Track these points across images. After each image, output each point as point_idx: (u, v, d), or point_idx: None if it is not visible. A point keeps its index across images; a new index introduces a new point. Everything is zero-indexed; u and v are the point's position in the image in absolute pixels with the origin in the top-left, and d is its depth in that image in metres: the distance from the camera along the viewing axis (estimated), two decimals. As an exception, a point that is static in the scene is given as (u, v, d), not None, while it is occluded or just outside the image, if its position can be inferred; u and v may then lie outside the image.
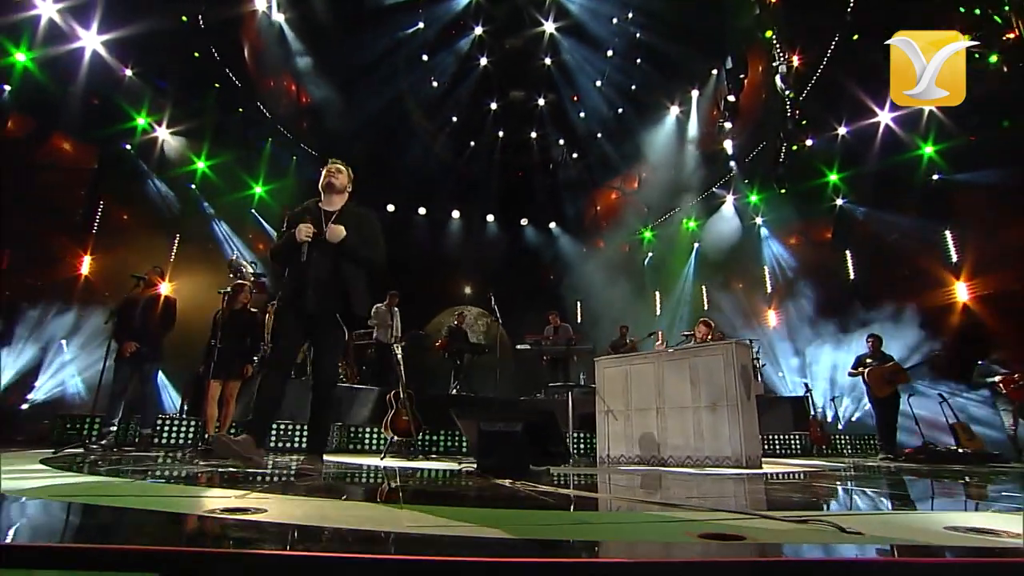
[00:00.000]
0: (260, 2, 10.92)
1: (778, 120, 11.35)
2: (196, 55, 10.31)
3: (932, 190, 9.47)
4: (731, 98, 12.59)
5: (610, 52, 14.13)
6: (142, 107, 9.74)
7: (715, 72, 13.19)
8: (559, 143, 16.84)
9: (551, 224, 17.33)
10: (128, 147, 9.84)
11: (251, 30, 11.15)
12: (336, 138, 12.49)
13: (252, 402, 3.02)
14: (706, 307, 13.52)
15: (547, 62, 14.86)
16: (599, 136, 15.89)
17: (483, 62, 14.81)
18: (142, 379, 5.54)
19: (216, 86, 10.78)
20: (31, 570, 1.02)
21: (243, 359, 5.49)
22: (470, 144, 16.42)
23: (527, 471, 3.39)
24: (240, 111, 11.48)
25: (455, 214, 16.78)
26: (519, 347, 9.14)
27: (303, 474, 2.96)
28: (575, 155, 16.88)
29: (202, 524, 1.47)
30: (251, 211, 12.26)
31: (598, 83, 14.92)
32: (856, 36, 10.04)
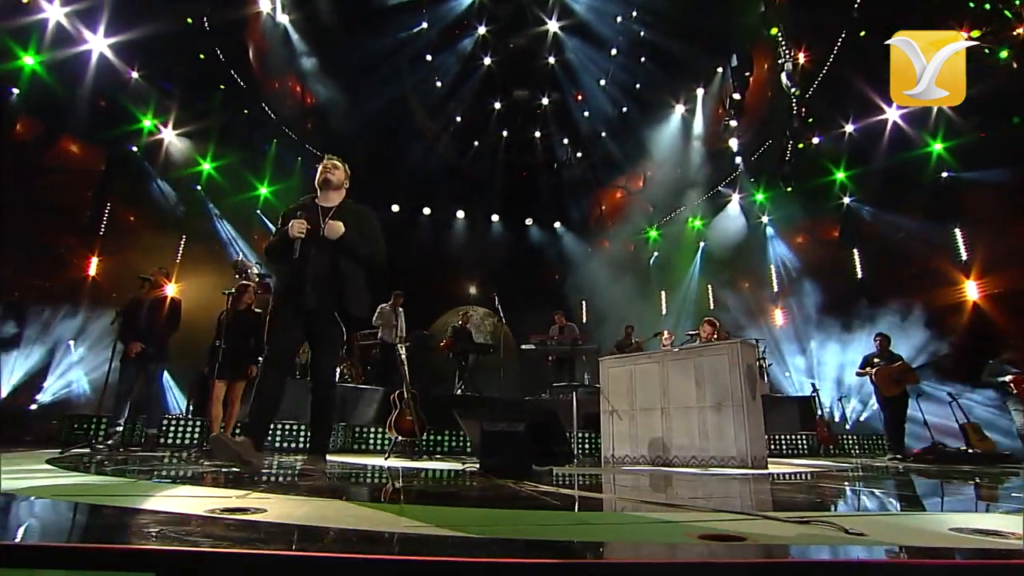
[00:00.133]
0: (265, 3, 10.97)
1: (784, 118, 11.28)
2: (201, 57, 10.38)
3: (941, 188, 9.36)
4: (737, 96, 12.52)
5: (614, 51, 14.08)
6: (148, 109, 9.81)
7: (720, 70, 13.12)
8: (563, 142, 16.81)
9: (556, 224, 17.30)
10: (134, 149, 9.92)
11: (256, 32, 11.20)
12: (341, 139, 12.51)
13: (250, 404, 2.97)
14: (712, 306, 13.44)
15: (551, 61, 14.83)
16: (603, 135, 15.84)
17: (487, 62, 14.81)
18: (147, 379, 5.57)
19: (221, 88, 10.85)
20: (29, 569, 1.02)
21: (247, 359, 5.50)
22: (474, 144, 16.43)
23: (530, 471, 3.37)
24: (245, 112, 11.55)
25: (459, 214, 16.79)
26: (524, 347, 9.13)
27: (305, 474, 2.95)
28: (579, 154, 16.84)
29: (200, 524, 1.47)
30: (256, 212, 12.32)
31: (602, 82, 14.88)
32: (863, 32, 9.95)
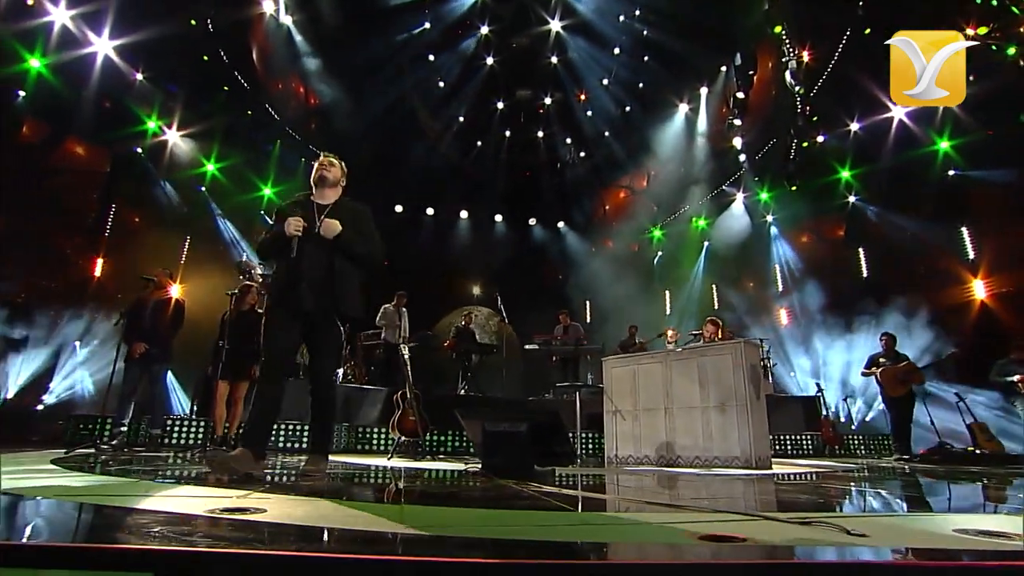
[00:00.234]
0: (268, 5, 11.01)
1: (789, 116, 11.22)
2: (205, 58, 10.41)
3: (948, 186, 9.29)
4: (741, 95, 12.46)
5: (617, 50, 14.05)
6: (153, 111, 9.86)
7: (724, 69, 13.07)
8: (566, 142, 16.79)
9: (559, 223, 17.28)
10: (139, 150, 9.97)
11: (259, 33, 11.24)
12: (344, 139, 12.55)
13: (249, 412, 2.90)
14: (716, 306, 13.40)
15: (554, 61, 14.81)
16: (607, 135, 15.81)
17: (489, 61, 14.80)
18: (151, 380, 5.60)
19: (225, 89, 10.89)
20: (28, 569, 1.02)
21: (250, 360, 5.51)
22: (477, 144, 16.43)
23: (532, 472, 3.36)
24: (249, 113, 11.59)
25: (463, 214, 16.79)
26: (527, 347, 9.12)
27: (306, 475, 2.94)
28: (583, 154, 16.81)
29: (199, 524, 1.47)
30: (260, 213, 12.36)
31: (605, 81, 14.85)
32: (868, 30, 9.88)
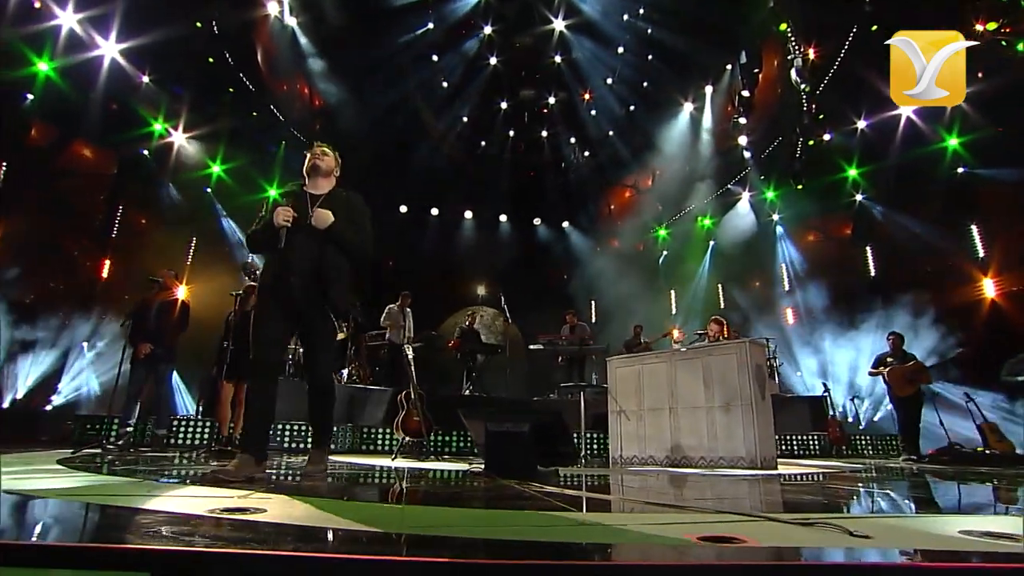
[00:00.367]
0: (272, 7, 11.06)
1: (794, 115, 11.14)
2: (210, 60, 10.48)
3: (957, 184, 9.21)
4: (746, 93, 12.39)
5: (621, 49, 14.01)
6: (159, 113, 9.94)
7: (729, 67, 13.00)
8: (571, 142, 16.76)
9: (564, 223, 17.26)
10: (145, 152, 10.05)
11: (264, 34, 11.30)
12: (349, 140, 12.58)
13: (244, 416, 2.84)
14: (722, 305, 13.34)
15: (557, 60, 14.79)
16: (611, 134, 15.78)
17: (493, 61, 14.81)
18: (157, 380, 5.64)
19: (230, 91, 10.95)
20: (26, 568, 1.02)
21: (256, 360, 5.52)
22: (481, 144, 16.44)
23: (535, 472, 3.35)
24: (254, 115, 11.65)
25: (467, 214, 16.81)
26: (532, 347, 9.11)
27: (309, 475, 2.94)
28: (587, 153, 16.79)
29: (199, 524, 1.47)
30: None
31: (609, 80, 14.81)
32: (875, 27, 9.79)
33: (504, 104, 15.95)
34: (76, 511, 1.68)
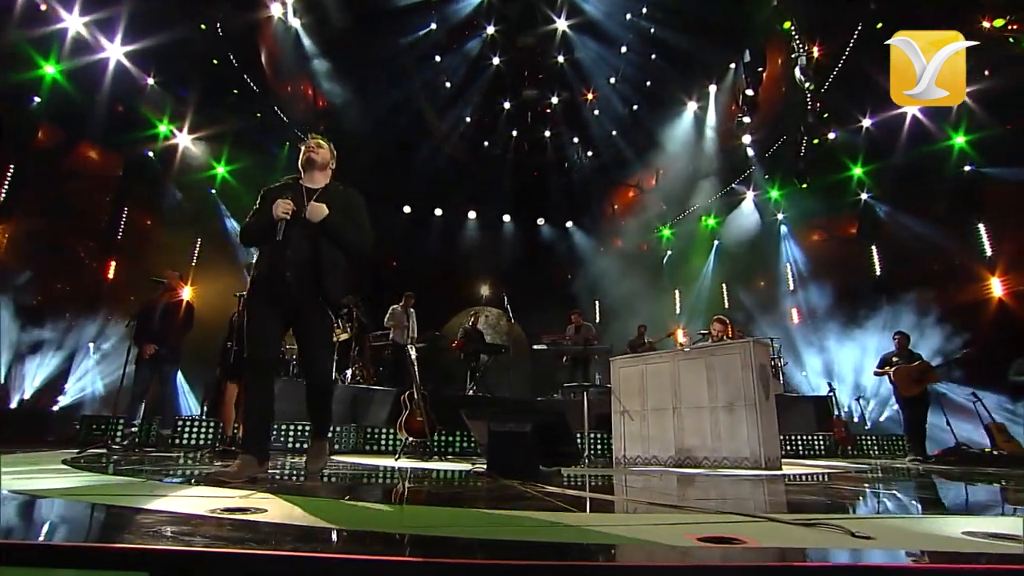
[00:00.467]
0: (276, 8, 11.10)
1: (799, 113, 11.09)
2: (215, 62, 10.52)
3: (964, 182, 9.14)
4: (750, 92, 12.35)
5: (624, 48, 13.99)
6: (164, 114, 9.99)
7: (733, 66, 12.96)
8: (574, 141, 16.74)
9: (568, 223, 17.24)
10: (150, 154, 10.11)
11: (268, 36, 11.34)
12: (353, 140, 12.61)
13: (243, 418, 2.80)
14: (727, 305, 13.30)
15: (560, 60, 14.78)
16: (614, 134, 15.74)
17: (495, 61, 14.81)
18: (161, 381, 5.66)
19: (235, 92, 10.99)
20: (25, 568, 1.03)
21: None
22: (484, 144, 16.44)
23: (537, 472, 3.35)
24: (258, 116, 11.69)
25: (471, 215, 16.81)
26: (536, 347, 9.09)
27: (311, 473, 2.94)
28: (590, 153, 16.76)
29: (199, 524, 1.48)
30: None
31: (612, 80, 14.78)
32: (880, 24, 9.73)
33: (507, 104, 15.95)
34: (77, 511, 1.68)
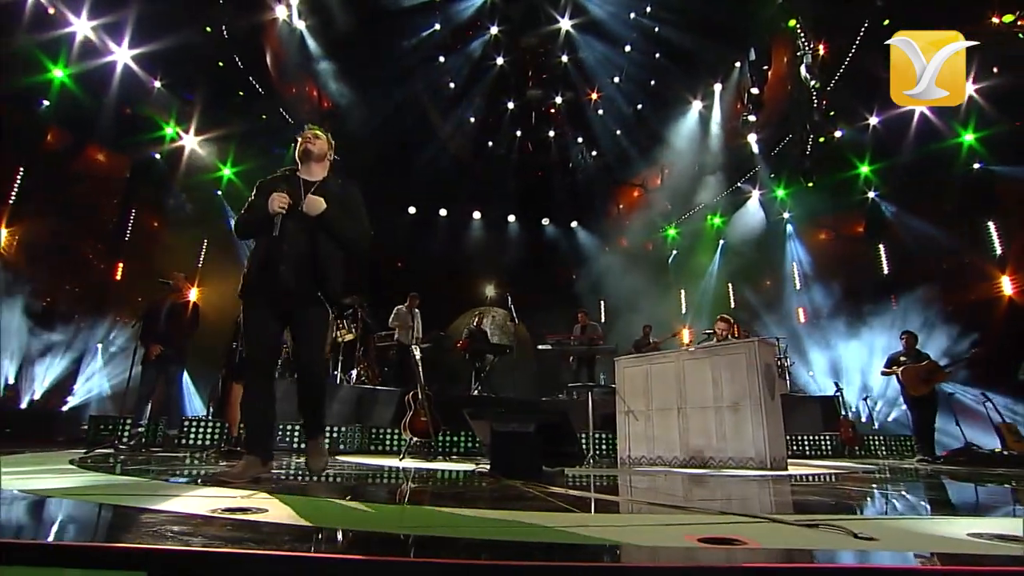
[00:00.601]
0: (281, 10, 11.16)
1: (804, 112, 11.02)
2: (220, 65, 10.58)
3: (973, 180, 9.05)
4: (755, 91, 12.28)
5: (628, 48, 13.94)
6: (170, 117, 10.07)
7: (738, 65, 12.90)
8: (578, 141, 16.71)
9: (572, 223, 17.21)
10: (157, 156, 10.19)
11: (273, 38, 11.40)
12: (358, 141, 12.64)
13: (244, 419, 2.76)
14: (732, 305, 13.23)
15: (564, 60, 14.76)
16: (619, 133, 15.70)
17: (499, 62, 14.80)
18: (167, 381, 5.70)
19: (240, 94, 11.05)
20: (24, 567, 1.03)
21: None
22: (488, 144, 16.44)
23: (540, 472, 3.35)
24: (263, 118, 11.74)
25: (476, 215, 16.82)
26: (540, 347, 9.08)
27: (312, 472, 2.91)
28: (595, 153, 16.72)
29: (199, 524, 1.48)
30: (274, 215, 12.51)
31: (616, 80, 14.74)
32: (887, 21, 9.64)
33: (511, 104, 15.92)
34: (78, 510, 1.70)
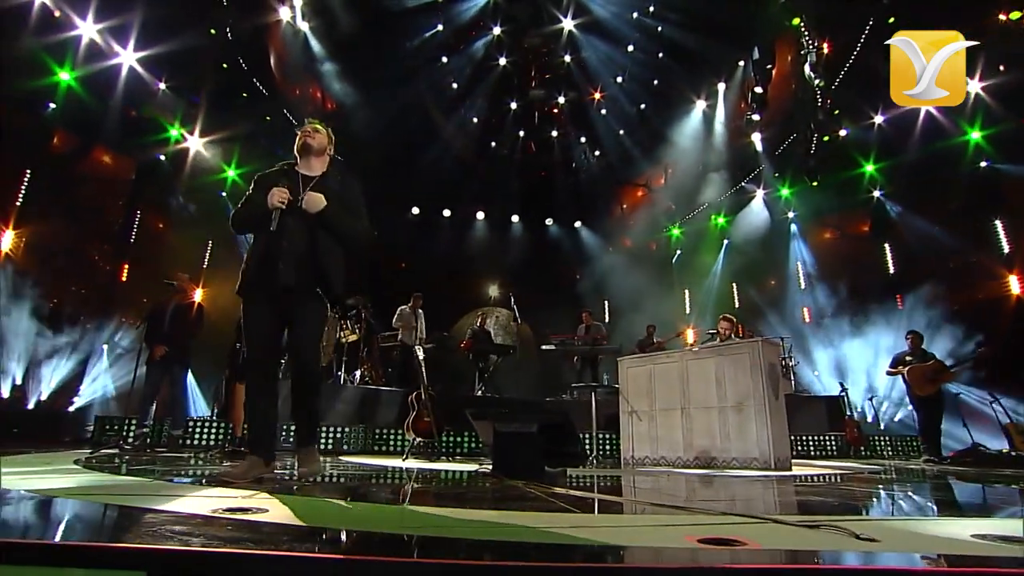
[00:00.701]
0: (285, 12, 11.20)
1: (809, 111, 10.97)
2: (224, 66, 10.63)
3: (979, 178, 8.98)
4: (759, 90, 12.24)
5: (631, 47, 13.92)
6: (175, 119, 10.12)
7: (742, 64, 12.86)
8: (581, 141, 16.70)
9: (576, 223, 17.18)
10: (162, 158, 10.24)
11: (276, 40, 11.44)
12: (362, 142, 12.66)
13: (246, 420, 2.71)
14: (737, 304, 13.19)
15: (567, 60, 14.74)
16: (622, 133, 15.67)
17: (502, 62, 14.81)
18: (172, 382, 5.73)
19: (244, 95, 11.10)
20: (23, 567, 1.04)
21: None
22: (492, 145, 16.45)
23: (542, 472, 3.34)
24: (267, 119, 11.79)
25: (479, 215, 16.83)
26: (544, 348, 9.07)
27: (305, 476, 2.72)
28: (598, 153, 16.70)
29: (199, 524, 1.49)
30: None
31: (619, 79, 14.71)
32: (892, 19, 9.58)
33: (514, 104, 15.93)
34: (79, 510, 1.70)
